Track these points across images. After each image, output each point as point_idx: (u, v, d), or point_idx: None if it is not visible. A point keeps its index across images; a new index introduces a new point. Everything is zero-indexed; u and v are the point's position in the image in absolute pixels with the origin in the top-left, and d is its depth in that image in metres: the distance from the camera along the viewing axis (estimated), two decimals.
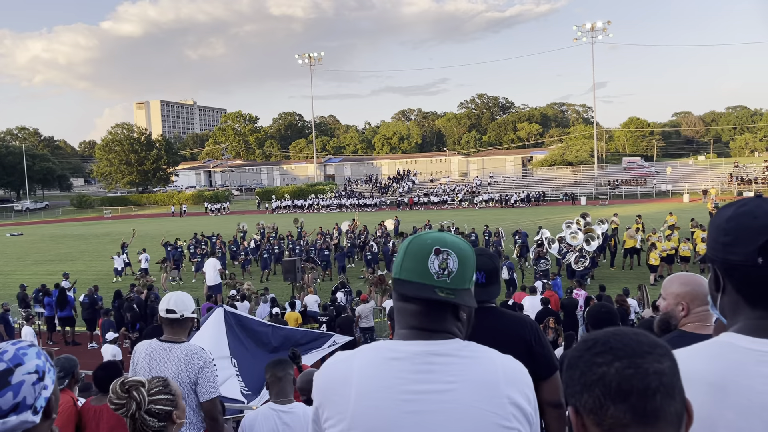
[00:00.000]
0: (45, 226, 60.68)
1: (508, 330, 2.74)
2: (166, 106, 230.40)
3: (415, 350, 1.52)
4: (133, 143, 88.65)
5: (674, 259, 20.91)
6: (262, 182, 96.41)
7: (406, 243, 1.61)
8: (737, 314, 1.38)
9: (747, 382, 1.27)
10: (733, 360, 1.31)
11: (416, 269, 1.55)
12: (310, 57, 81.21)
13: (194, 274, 24.56)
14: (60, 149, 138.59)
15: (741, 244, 1.33)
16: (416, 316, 1.56)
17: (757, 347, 1.31)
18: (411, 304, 1.56)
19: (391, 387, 1.48)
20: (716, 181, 58.00)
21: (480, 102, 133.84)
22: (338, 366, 1.58)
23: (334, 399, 1.53)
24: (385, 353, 1.54)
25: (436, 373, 1.49)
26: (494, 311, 2.84)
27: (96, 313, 16.19)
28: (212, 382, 3.64)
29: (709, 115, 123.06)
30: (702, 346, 1.39)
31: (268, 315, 13.86)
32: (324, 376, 1.60)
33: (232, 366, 8.54)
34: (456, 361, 1.51)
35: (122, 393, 2.21)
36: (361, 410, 1.48)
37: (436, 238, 1.59)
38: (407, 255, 1.57)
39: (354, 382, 1.51)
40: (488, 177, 72.56)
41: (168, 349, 3.67)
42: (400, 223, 33.74)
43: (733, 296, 1.39)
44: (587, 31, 67.84)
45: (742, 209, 1.37)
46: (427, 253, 1.56)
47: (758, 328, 1.33)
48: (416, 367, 1.50)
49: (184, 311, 3.74)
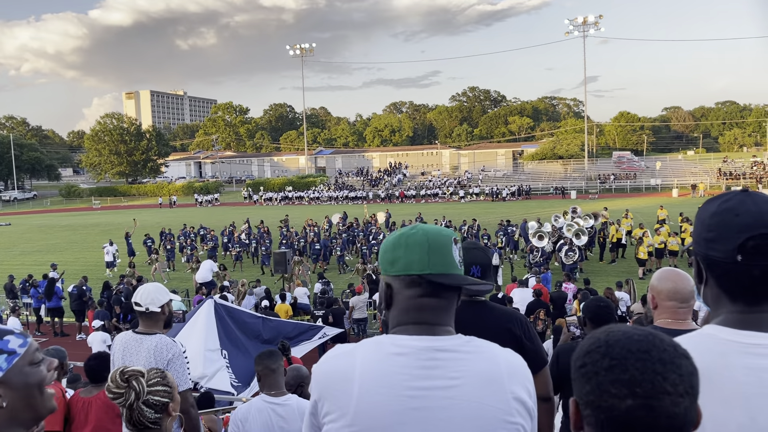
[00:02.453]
0: (33, 216, 60.19)
1: (499, 324, 2.73)
2: (156, 97, 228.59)
3: (420, 345, 1.50)
4: (122, 133, 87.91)
5: (663, 253, 21.06)
6: (253, 174, 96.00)
7: (423, 235, 1.57)
8: (719, 307, 1.41)
9: (729, 373, 1.30)
10: (715, 352, 1.33)
11: (445, 261, 1.55)
12: (301, 48, 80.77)
13: (186, 264, 24.40)
14: (48, 139, 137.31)
15: (722, 241, 1.35)
16: (427, 310, 1.56)
17: (738, 339, 1.34)
18: (431, 298, 1.56)
19: (395, 383, 1.46)
20: (705, 176, 58.42)
21: (471, 95, 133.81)
22: (340, 360, 1.55)
23: (336, 394, 1.50)
24: (388, 348, 1.52)
25: (441, 369, 1.48)
26: (485, 305, 2.84)
27: (84, 305, 16.10)
28: (182, 375, 3.61)
29: (699, 110, 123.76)
30: (685, 338, 1.40)
31: (253, 307, 13.84)
32: (325, 370, 1.56)
33: (223, 358, 8.54)
34: (460, 357, 1.50)
35: (122, 382, 2.20)
36: (365, 406, 1.46)
37: (446, 230, 1.62)
38: (432, 248, 1.55)
39: (357, 378, 1.48)
40: (479, 170, 72.67)
41: (140, 341, 3.68)
42: (391, 216, 33.73)
43: (714, 289, 1.41)
44: (579, 25, 67.94)
45: (725, 205, 1.38)
46: (450, 245, 1.58)
47: (739, 321, 1.36)
48: (421, 362, 1.48)
49: (150, 305, 3.70)
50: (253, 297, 14.89)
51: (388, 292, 1.60)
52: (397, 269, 1.57)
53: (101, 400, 4.05)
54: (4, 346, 1.45)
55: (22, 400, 1.45)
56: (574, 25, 68.17)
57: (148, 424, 2.21)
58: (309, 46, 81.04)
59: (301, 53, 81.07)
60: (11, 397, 1.43)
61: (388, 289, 1.60)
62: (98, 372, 4.25)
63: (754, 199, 1.36)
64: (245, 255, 26.05)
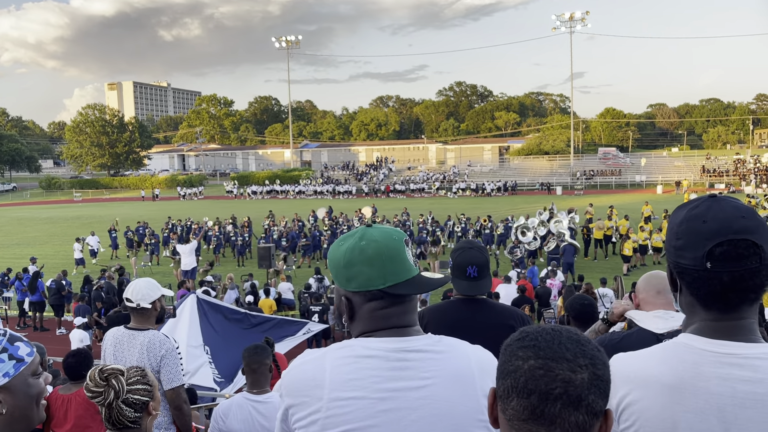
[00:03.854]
0: (12, 208, 59.35)
1: (499, 321, 2.75)
2: (139, 88, 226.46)
3: (390, 347, 1.50)
4: (104, 125, 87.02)
5: (647, 249, 21.27)
6: (237, 167, 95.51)
7: (375, 248, 1.53)
8: (693, 314, 1.41)
9: (703, 383, 1.30)
10: (689, 362, 1.34)
11: (402, 269, 1.54)
12: (287, 40, 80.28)
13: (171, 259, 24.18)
14: (28, 130, 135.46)
15: (690, 248, 1.34)
16: (394, 316, 1.55)
17: (712, 348, 1.34)
18: (395, 307, 1.55)
19: (365, 385, 1.46)
20: (689, 173, 59.11)
21: (458, 90, 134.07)
22: (309, 366, 1.53)
23: (305, 400, 1.49)
24: (358, 351, 1.51)
25: (412, 370, 1.48)
26: (484, 303, 2.85)
27: (63, 299, 15.86)
28: (175, 371, 3.61)
29: (684, 108, 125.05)
30: (659, 347, 1.41)
31: (234, 301, 13.73)
32: (294, 376, 1.55)
33: (206, 354, 8.45)
34: (430, 357, 1.50)
35: (101, 381, 2.16)
36: (335, 410, 1.45)
37: (394, 231, 1.60)
38: (388, 260, 1.53)
39: (326, 383, 1.47)
40: (466, 165, 72.90)
41: (132, 337, 3.65)
42: (377, 211, 33.69)
43: (687, 297, 1.41)
44: (566, 21, 68.22)
45: (693, 212, 1.37)
46: (403, 249, 1.56)
47: (713, 329, 1.36)
48: (391, 364, 1.48)
49: (141, 301, 3.67)
50: (235, 291, 14.78)
51: (349, 305, 1.58)
52: (355, 286, 1.55)
53: (81, 397, 4.01)
54: (14, 352, 1.46)
55: (20, 410, 1.46)
56: (561, 21, 68.46)
57: (127, 423, 2.18)
58: (295, 38, 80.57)
59: (287, 45, 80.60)
60: (11, 405, 1.44)
61: (349, 304, 1.58)
62: (77, 369, 4.23)
63: (722, 204, 1.35)
64: (228, 249, 25.95)
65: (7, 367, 1.43)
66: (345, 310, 1.60)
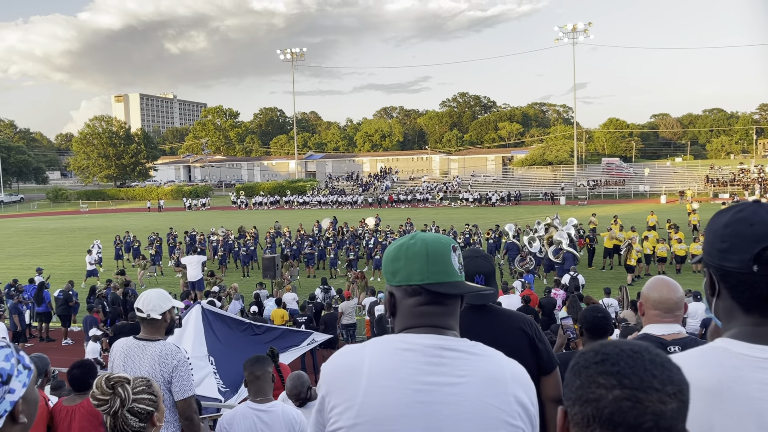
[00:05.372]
0: (20, 219, 59.58)
1: (510, 326, 2.76)
2: (145, 100, 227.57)
3: (428, 343, 1.55)
4: (111, 136, 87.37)
5: (651, 259, 21.19)
6: (243, 178, 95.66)
7: (422, 246, 1.62)
8: (732, 319, 1.39)
9: (742, 388, 1.28)
10: (728, 366, 1.31)
11: (445, 270, 1.61)
12: (292, 53, 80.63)
13: (175, 270, 24.27)
14: (36, 142, 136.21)
15: (736, 251, 1.33)
16: (434, 315, 1.61)
17: (752, 353, 1.31)
18: (434, 306, 1.61)
19: (402, 376, 1.51)
20: (693, 182, 58.92)
21: (462, 101, 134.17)
22: (348, 356, 1.60)
23: (343, 386, 1.54)
24: (397, 344, 1.57)
25: (447, 366, 1.52)
26: (492, 310, 2.87)
27: (70, 309, 15.90)
28: (187, 381, 3.60)
29: (687, 118, 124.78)
30: (698, 351, 1.39)
31: (239, 312, 13.75)
32: (333, 365, 1.61)
33: (210, 364, 8.46)
34: (466, 357, 1.54)
35: (107, 389, 2.16)
36: (371, 398, 1.49)
37: (444, 237, 1.68)
38: (431, 258, 1.60)
39: (365, 371, 1.52)
40: (469, 176, 72.85)
41: (143, 348, 3.64)
42: (381, 221, 33.69)
43: (728, 302, 1.39)
44: (568, 32, 68.36)
45: (738, 215, 1.36)
46: (449, 253, 1.63)
47: (753, 334, 1.34)
48: (428, 359, 1.53)
49: (151, 312, 3.66)
50: (240, 302, 14.80)
51: (391, 300, 1.66)
52: (398, 280, 1.63)
53: (85, 408, 4.01)
54: (23, 360, 1.47)
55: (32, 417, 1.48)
56: (563, 32, 68.61)
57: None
58: (299, 50, 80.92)
59: (292, 57, 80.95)
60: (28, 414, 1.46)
61: (392, 298, 1.66)
62: (81, 380, 4.21)
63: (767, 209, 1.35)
64: (230, 259, 26.04)
65: (23, 378, 1.44)
66: (387, 306, 1.68)
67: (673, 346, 2.50)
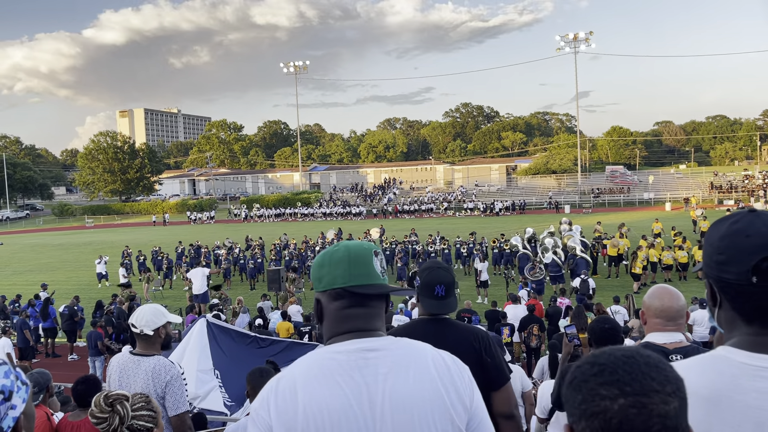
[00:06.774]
0: (26, 235, 59.84)
1: (459, 340, 2.77)
2: (149, 115, 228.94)
3: (352, 348, 1.61)
4: (116, 151, 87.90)
5: (657, 267, 21.10)
6: (247, 191, 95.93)
7: (344, 252, 1.69)
8: (733, 329, 1.39)
9: (740, 397, 1.28)
10: (727, 374, 1.32)
11: (367, 273, 1.68)
12: (295, 66, 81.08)
13: (184, 282, 24.33)
14: (41, 158, 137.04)
15: (734, 263, 1.32)
16: (359, 319, 1.67)
17: (752, 362, 1.31)
18: (357, 308, 1.67)
19: (332, 383, 1.56)
20: (697, 189, 58.75)
21: (465, 111, 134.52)
22: (282, 383, 1.60)
23: (282, 406, 1.56)
24: (323, 355, 1.63)
25: (372, 367, 1.58)
26: (447, 322, 2.88)
27: (76, 325, 15.91)
28: (180, 397, 3.58)
29: (690, 125, 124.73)
30: (698, 359, 1.39)
31: (246, 326, 13.72)
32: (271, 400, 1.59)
33: (216, 378, 8.44)
34: (389, 353, 1.61)
35: (106, 407, 2.17)
36: (309, 414, 1.52)
37: (367, 244, 1.76)
38: (353, 262, 1.67)
39: (300, 399, 1.54)
40: (473, 185, 72.84)
41: (137, 363, 3.64)
42: (385, 232, 33.69)
43: (729, 312, 1.39)
44: (570, 41, 68.51)
45: (734, 227, 1.35)
46: (370, 257, 1.70)
47: (754, 344, 1.33)
48: (353, 362, 1.59)
49: (144, 327, 3.66)
50: (247, 315, 14.77)
51: (318, 307, 1.72)
52: (323, 285, 1.70)
53: (89, 423, 3.98)
54: (21, 376, 1.48)
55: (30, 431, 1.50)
56: (565, 42, 68.76)
57: None
58: (303, 63, 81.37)
59: (295, 71, 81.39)
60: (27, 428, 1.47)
61: (318, 304, 1.72)
62: (86, 396, 4.19)
63: (764, 219, 1.34)
64: (235, 272, 26.05)
65: (23, 393, 1.46)
66: (315, 312, 1.75)
67: (675, 355, 2.50)
